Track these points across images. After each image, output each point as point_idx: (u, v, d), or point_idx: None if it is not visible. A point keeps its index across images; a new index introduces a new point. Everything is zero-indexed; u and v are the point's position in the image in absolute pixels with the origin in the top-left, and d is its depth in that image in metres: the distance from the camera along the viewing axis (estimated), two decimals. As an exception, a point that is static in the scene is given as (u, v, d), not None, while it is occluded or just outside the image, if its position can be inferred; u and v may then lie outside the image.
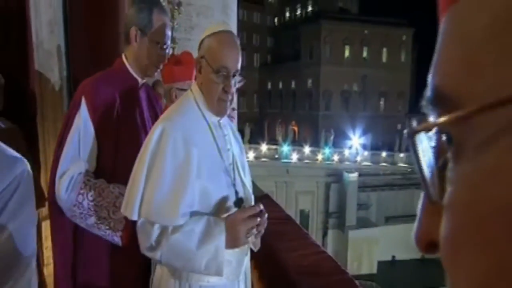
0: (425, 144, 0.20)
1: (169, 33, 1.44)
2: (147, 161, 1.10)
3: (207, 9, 4.07)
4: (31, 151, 1.87)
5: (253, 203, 1.26)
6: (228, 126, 1.29)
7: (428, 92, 0.22)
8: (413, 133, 0.19)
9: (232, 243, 1.11)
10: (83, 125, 1.33)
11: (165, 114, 1.21)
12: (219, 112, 1.19)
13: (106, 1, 2.34)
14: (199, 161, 1.12)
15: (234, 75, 1.16)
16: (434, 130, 0.19)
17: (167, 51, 1.45)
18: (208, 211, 1.14)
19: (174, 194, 1.09)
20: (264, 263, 1.29)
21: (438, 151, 0.21)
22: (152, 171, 1.10)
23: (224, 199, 1.17)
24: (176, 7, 2.49)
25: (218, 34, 1.15)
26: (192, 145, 1.11)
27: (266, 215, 1.18)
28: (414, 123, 0.20)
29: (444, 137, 0.20)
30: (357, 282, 1.62)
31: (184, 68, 1.85)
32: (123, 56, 1.45)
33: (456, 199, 0.18)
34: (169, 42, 1.45)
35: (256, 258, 1.28)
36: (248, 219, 1.12)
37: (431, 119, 0.20)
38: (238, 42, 1.20)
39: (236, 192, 1.20)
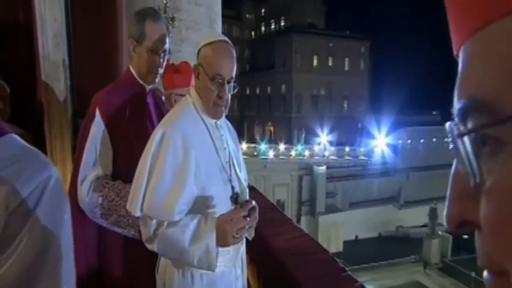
0: (466, 143, 0.21)
1: (165, 39, 1.37)
2: (149, 162, 1.08)
3: (195, 24, 4.02)
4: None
5: (247, 196, 1.23)
6: (226, 127, 1.26)
7: (460, 102, 0.22)
8: (461, 135, 0.21)
9: (221, 242, 1.07)
10: (98, 133, 1.32)
11: (166, 118, 1.17)
12: (215, 116, 1.16)
13: (106, 15, 2.28)
14: (197, 162, 1.10)
15: (228, 82, 1.12)
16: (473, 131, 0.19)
17: (165, 57, 1.40)
18: (207, 207, 1.12)
19: (172, 193, 1.07)
20: (254, 247, 1.29)
21: (477, 148, 0.21)
22: (153, 172, 1.08)
23: (221, 195, 1.14)
24: (170, 22, 2.45)
25: (214, 44, 1.11)
26: (191, 147, 1.09)
27: (257, 210, 1.15)
28: (461, 127, 0.21)
29: (482, 137, 0.21)
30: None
31: (183, 76, 1.83)
32: (130, 66, 1.43)
33: (498, 185, 0.19)
34: (165, 47, 1.38)
35: (246, 243, 1.28)
36: (237, 220, 1.07)
37: (471, 123, 0.21)
38: (233, 51, 1.15)
39: (232, 187, 1.18)
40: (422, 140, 28.72)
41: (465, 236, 25.23)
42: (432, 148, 28.68)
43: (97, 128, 1.32)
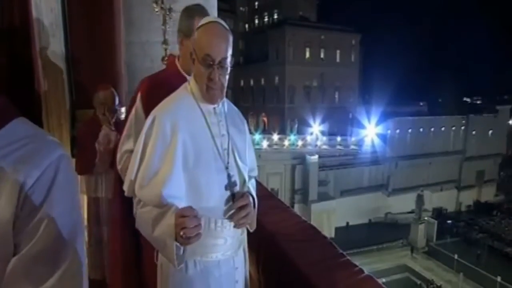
0: None
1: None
2: (141, 146, 1.10)
3: (191, 16, 3.94)
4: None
5: (245, 187, 1.17)
6: (229, 114, 1.19)
7: None
8: None
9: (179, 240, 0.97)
10: (137, 115, 1.43)
11: (160, 104, 1.13)
12: (211, 100, 1.10)
13: (102, 5, 2.20)
14: (186, 147, 1.05)
15: (220, 63, 1.04)
16: None
17: None
18: (197, 194, 1.06)
19: (160, 177, 1.04)
20: (253, 234, 1.28)
21: None
22: (144, 155, 1.09)
23: (213, 183, 1.08)
24: (167, 13, 2.38)
25: (205, 26, 1.06)
26: (180, 132, 1.04)
27: (251, 205, 1.10)
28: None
29: None
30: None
31: None
32: (176, 58, 1.52)
33: None
34: None
35: (247, 232, 1.26)
36: (187, 220, 0.95)
37: None
38: (226, 31, 1.07)
39: (229, 176, 1.11)
40: (409, 130, 29.02)
41: (449, 221, 25.91)
42: (419, 138, 29.03)
43: (136, 111, 1.44)
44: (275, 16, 38.05)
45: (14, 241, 0.50)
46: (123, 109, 2.69)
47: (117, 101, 2.28)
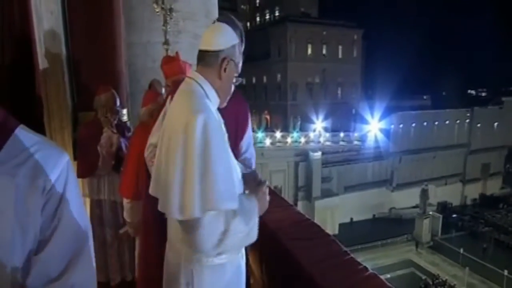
0: None
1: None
2: (197, 158, 0.96)
3: (192, 15, 3.91)
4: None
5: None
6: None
7: None
8: None
9: (261, 211, 1.14)
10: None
11: (190, 107, 1.04)
12: (223, 104, 1.21)
13: (102, 7, 2.19)
14: (227, 145, 1.10)
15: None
16: None
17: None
18: (238, 186, 1.14)
19: (231, 178, 1.02)
20: (258, 234, 1.27)
21: None
22: (206, 164, 0.96)
23: (237, 173, 1.19)
24: (168, 13, 2.36)
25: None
26: (223, 130, 1.10)
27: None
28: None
29: None
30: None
31: (171, 65, 1.86)
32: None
33: None
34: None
35: None
36: (266, 191, 1.19)
37: None
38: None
39: (236, 164, 1.23)
40: (413, 124, 28.79)
41: (454, 215, 25.74)
42: (423, 132, 28.80)
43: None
44: (277, 13, 37.85)
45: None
46: (124, 111, 2.69)
47: (118, 103, 2.27)
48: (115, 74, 2.48)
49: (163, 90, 2.52)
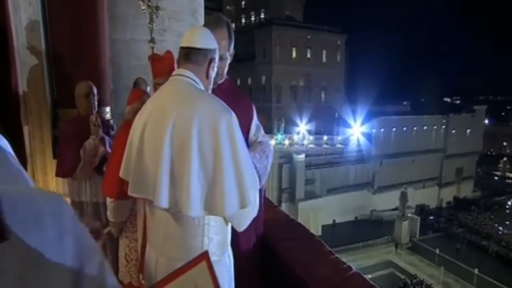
0: None
1: (222, 42, 1.42)
2: (242, 151, 1.06)
3: (178, 14, 3.86)
4: (16, 142, 1.68)
5: None
6: None
7: None
8: None
9: None
10: None
11: (216, 105, 1.09)
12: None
13: (86, 0, 2.11)
14: None
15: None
16: None
17: (225, 61, 1.51)
18: None
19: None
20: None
21: None
22: (238, 158, 1.04)
23: None
24: (154, 11, 2.32)
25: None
26: None
27: None
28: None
29: None
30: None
31: (163, 64, 1.79)
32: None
33: None
34: (221, 53, 1.42)
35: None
36: None
37: None
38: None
39: None
40: (393, 129, 29.72)
41: (431, 217, 26.72)
42: (403, 136, 29.78)
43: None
44: (262, 16, 38.10)
45: None
46: (107, 109, 2.61)
47: (95, 91, 2.20)
48: (98, 70, 2.40)
49: (148, 89, 2.47)
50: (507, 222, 25.60)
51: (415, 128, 30.59)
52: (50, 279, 0.44)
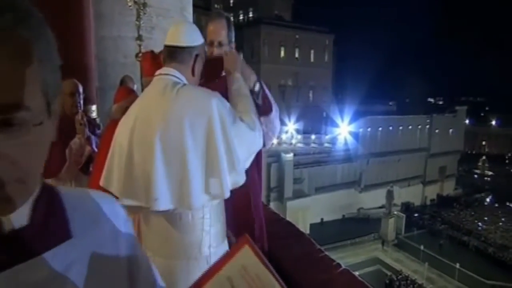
0: None
1: (221, 31, 1.48)
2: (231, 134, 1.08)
3: (166, 11, 3.81)
4: None
5: None
6: None
7: None
8: None
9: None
10: None
11: (201, 93, 1.13)
12: None
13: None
14: None
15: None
16: None
17: (221, 48, 1.48)
18: None
19: None
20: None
21: None
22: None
23: None
24: (142, 8, 2.28)
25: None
26: None
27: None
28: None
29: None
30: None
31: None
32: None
33: None
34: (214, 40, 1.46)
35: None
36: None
37: None
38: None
39: None
40: (380, 128, 30.31)
41: (416, 215, 27.45)
42: (389, 136, 30.42)
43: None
44: (250, 15, 38.05)
45: None
46: (93, 107, 2.56)
47: (80, 89, 2.16)
48: (83, 67, 2.34)
49: (136, 87, 2.42)
50: (486, 218, 26.61)
51: (400, 128, 31.29)
52: (108, 276, 0.45)
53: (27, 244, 0.39)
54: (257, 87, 1.29)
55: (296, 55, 35.69)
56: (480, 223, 25.67)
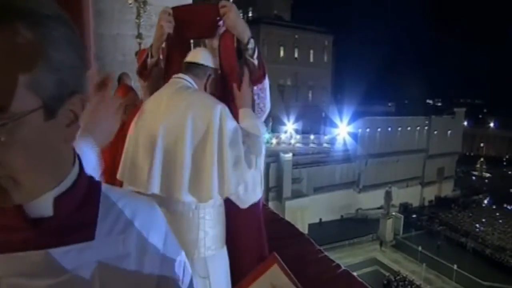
0: None
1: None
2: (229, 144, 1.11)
3: (165, 9, 3.79)
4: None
5: None
6: None
7: None
8: None
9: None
10: None
11: (209, 98, 1.21)
12: None
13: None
14: None
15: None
16: None
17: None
18: None
19: None
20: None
21: None
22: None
23: None
24: (142, 6, 2.27)
25: None
26: None
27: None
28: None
29: None
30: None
31: None
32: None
33: None
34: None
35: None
36: None
37: None
38: None
39: None
40: (379, 129, 30.36)
41: (414, 216, 27.52)
42: (388, 137, 30.48)
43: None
44: (250, 14, 38.02)
45: None
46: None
47: None
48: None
49: (132, 82, 2.41)
50: (484, 220, 26.70)
51: (399, 129, 31.35)
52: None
53: (44, 234, 0.40)
54: (251, 44, 1.28)
55: (296, 55, 35.69)
56: (477, 225, 25.77)
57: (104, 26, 3.42)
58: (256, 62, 1.29)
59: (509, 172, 40.41)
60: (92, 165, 0.72)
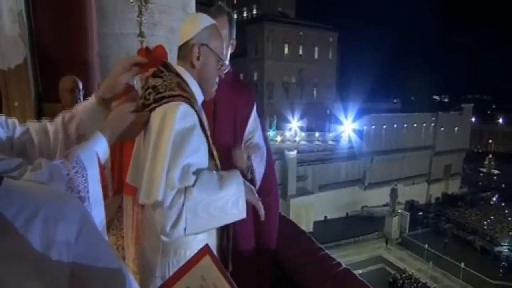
0: None
1: (223, 31, 1.40)
2: (169, 146, 0.96)
3: (168, 8, 3.78)
4: None
5: None
6: None
7: None
8: None
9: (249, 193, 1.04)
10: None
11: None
12: (211, 95, 1.15)
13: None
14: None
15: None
16: None
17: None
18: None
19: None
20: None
21: None
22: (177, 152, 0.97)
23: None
24: (143, 4, 2.26)
25: (216, 26, 1.13)
26: (201, 121, 1.04)
27: None
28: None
29: None
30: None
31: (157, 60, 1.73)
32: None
33: None
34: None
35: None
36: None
37: None
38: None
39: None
40: (384, 126, 30.10)
41: (420, 213, 27.30)
42: (393, 134, 30.21)
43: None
44: (254, 12, 37.93)
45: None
46: (95, 103, 2.55)
47: (80, 86, 2.15)
48: (85, 63, 2.34)
49: (135, 82, 2.42)
50: (492, 217, 26.36)
51: (405, 125, 31.04)
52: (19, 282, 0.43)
53: None
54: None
55: (300, 52, 35.53)
56: (485, 222, 25.45)
57: (107, 25, 3.43)
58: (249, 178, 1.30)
59: (519, 169, 39.82)
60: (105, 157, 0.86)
